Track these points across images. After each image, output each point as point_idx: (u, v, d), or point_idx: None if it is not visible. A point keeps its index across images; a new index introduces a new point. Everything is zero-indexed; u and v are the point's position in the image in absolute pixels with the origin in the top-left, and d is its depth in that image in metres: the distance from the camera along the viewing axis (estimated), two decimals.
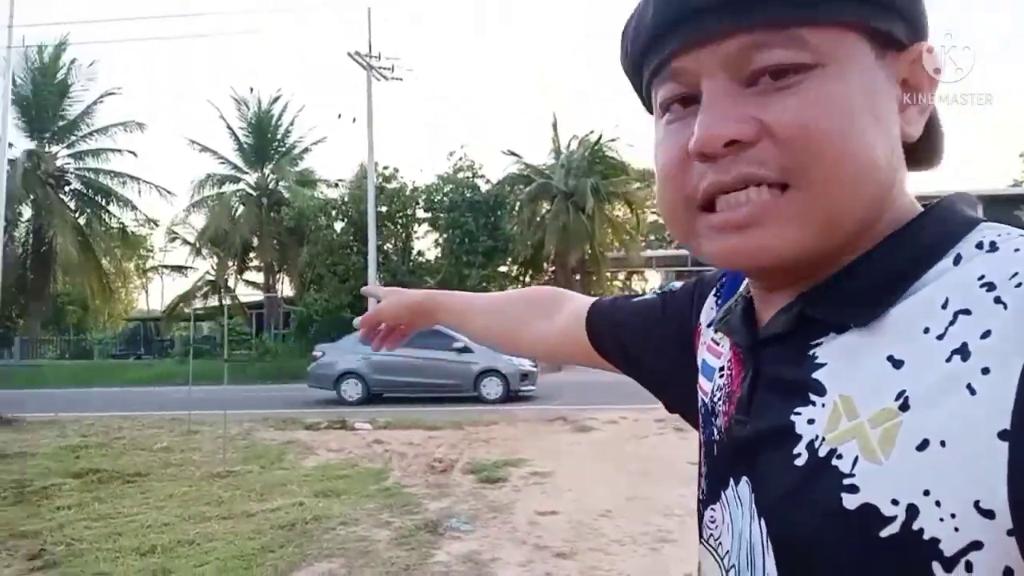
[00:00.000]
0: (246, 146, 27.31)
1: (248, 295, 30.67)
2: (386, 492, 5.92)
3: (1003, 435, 0.36)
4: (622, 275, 29.20)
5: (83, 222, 27.01)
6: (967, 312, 0.41)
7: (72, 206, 27.06)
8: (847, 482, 0.41)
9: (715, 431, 0.56)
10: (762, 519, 0.48)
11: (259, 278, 30.18)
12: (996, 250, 0.43)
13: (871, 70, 0.47)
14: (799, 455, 0.45)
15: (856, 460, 0.41)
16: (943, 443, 0.38)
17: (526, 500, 5.59)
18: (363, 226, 22.61)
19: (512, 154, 23.97)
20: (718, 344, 0.60)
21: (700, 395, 0.61)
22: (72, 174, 27.14)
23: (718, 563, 0.55)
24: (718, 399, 0.57)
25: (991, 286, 0.41)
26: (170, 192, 27.42)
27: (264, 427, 9.75)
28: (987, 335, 0.39)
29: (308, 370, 14.21)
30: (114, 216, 27.83)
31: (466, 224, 21.33)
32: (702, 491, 0.58)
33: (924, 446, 0.38)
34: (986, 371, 0.38)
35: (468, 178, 22.64)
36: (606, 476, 6.37)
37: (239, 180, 27.67)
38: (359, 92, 20.90)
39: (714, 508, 0.55)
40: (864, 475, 0.41)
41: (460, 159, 22.90)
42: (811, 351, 0.47)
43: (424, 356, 12.81)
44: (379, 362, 12.79)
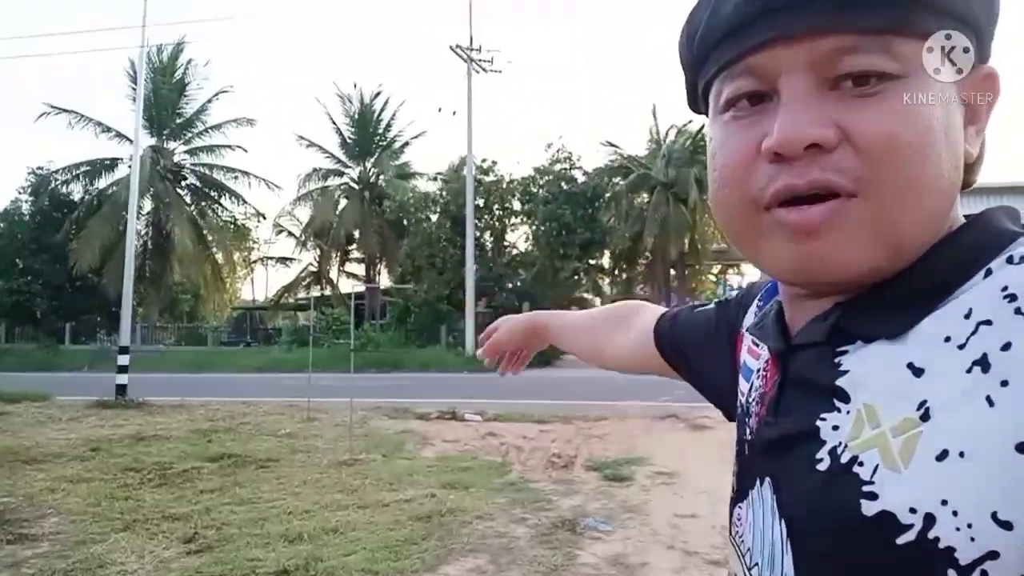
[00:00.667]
0: (349, 140, 28.07)
1: (349, 287, 31.56)
2: (512, 487, 5.85)
3: (1020, 448, 0.37)
4: (715, 268, 28.34)
5: (197, 215, 28.44)
6: (988, 323, 0.41)
7: (188, 200, 28.54)
8: (866, 489, 0.42)
9: (748, 431, 0.57)
10: (782, 520, 0.48)
11: (359, 270, 31.04)
12: (1022, 262, 0.43)
13: (947, 87, 0.46)
14: (821, 460, 0.45)
15: (876, 468, 0.42)
16: (962, 454, 0.38)
17: (659, 501, 5.40)
18: (460, 219, 22.83)
19: (610, 145, 23.63)
20: (758, 347, 0.60)
21: (739, 396, 0.62)
22: (188, 169, 28.63)
23: (741, 560, 0.56)
24: (752, 400, 0.57)
25: (1013, 297, 0.41)
26: (277, 186, 28.53)
27: (378, 416, 9.91)
28: (1007, 347, 0.39)
29: None
30: (225, 209, 29.21)
31: (563, 216, 21.17)
32: (733, 489, 0.59)
33: (943, 456, 0.39)
34: (1005, 383, 0.38)
35: (565, 170, 22.43)
36: None
37: (343, 174, 28.50)
38: (458, 85, 21.03)
39: (741, 506, 0.56)
40: (883, 483, 0.41)
41: (558, 150, 22.73)
42: (837, 358, 0.48)
43: None
44: None
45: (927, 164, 0.44)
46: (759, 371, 0.59)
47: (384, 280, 29.64)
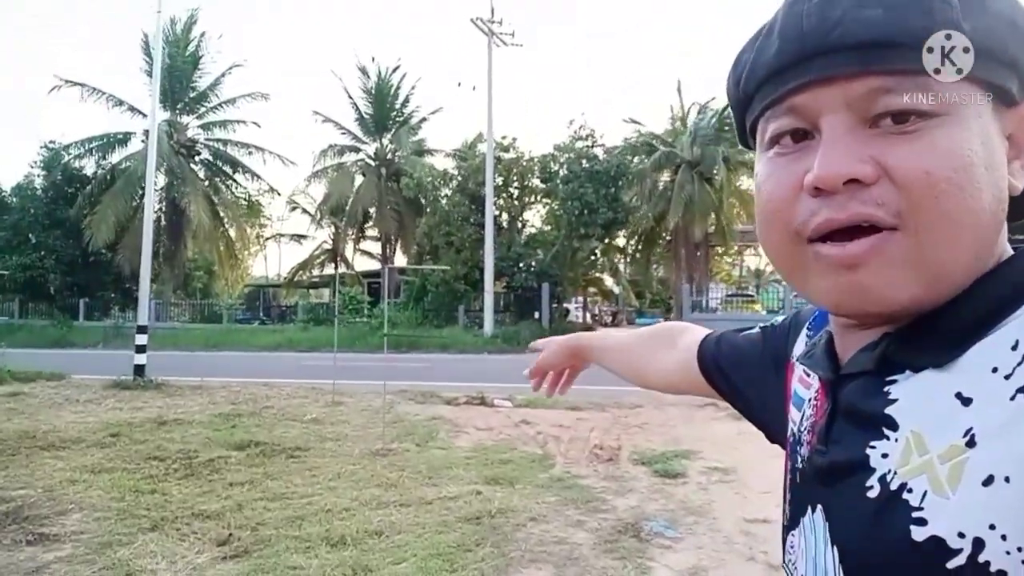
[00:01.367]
0: (366, 116, 27.56)
1: (363, 265, 31.21)
2: (560, 483, 5.48)
3: None
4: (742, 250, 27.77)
5: (211, 190, 28.08)
6: None
7: (201, 175, 28.16)
8: (916, 515, 0.43)
9: (799, 459, 0.57)
10: (834, 547, 0.49)
11: (374, 248, 30.66)
12: None
13: (988, 123, 0.47)
14: (871, 487, 0.46)
15: (925, 494, 0.43)
16: (1007, 479, 0.39)
17: (723, 502, 5.02)
18: (478, 197, 22.35)
19: (633, 122, 23.02)
20: (809, 376, 0.61)
21: (790, 424, 0.62)
22: (202, 144, 28.22)
23: None
24: (804, 429, 0.58)
25: None
26: (292, 162, 28.12)
27: (404, 400, 9.56)
28: None
29: None
30: (239, 185, 28.82)
31: (585, 195, 20.62)
32: (785, 516, 0.59)
33: (990, 482, 0.40)
34: None
35: (588, 147, 21.86)
36: None
37: (359, 150, 28.04)
38: (478, 60, 20.48)
39: (794, 534, 0.56)
40: (932, 509, 0.42)
41: (580, 127, 22.14)
42: (887, 387, 0.48)
43: None
44: None
45: (966, 199, 0.45)
46: (810, 400, 0.59)
47: (399, 259, 29.27)
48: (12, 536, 4.09)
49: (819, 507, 0.52)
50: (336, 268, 29.50)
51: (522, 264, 22.81)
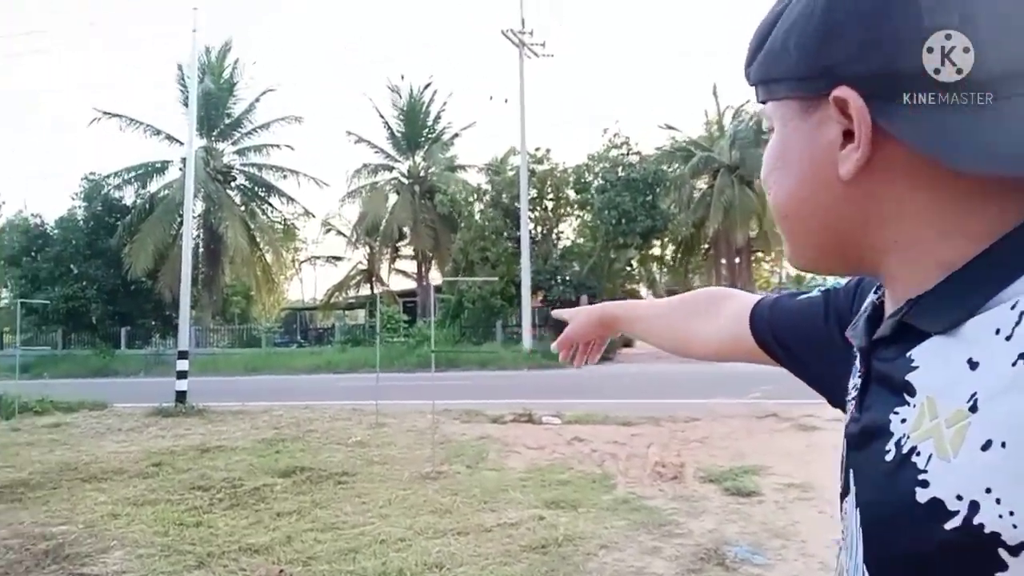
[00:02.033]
0: (398, 134, 27.54)
1: (399, 284, 31.12)
2: (626, 505, 5.10)
3: None
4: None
5: (247, 215, 28.28)
6: None
7: (238, 200, 28.37)
8: (921, 477, 0.44)
9: (848, 427, 0.58)
10: (857, 508, 0.52)
11: (409, 267, 30.54)
12: None
13: (792, 124, 0.54)
14: (888, 451, 0.48)
15: (930, 457, 0.44)
16: (1004, 444, 0.40)
17: (807, 523, 4.59)
18: (512, 211, 22.08)
19: (669, 127, 22.59)
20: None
21: (848, 393, 0.63)
22: (238, 170, 28.48)
23: (843, 549, 0.60)
24: (852, 397, 0.59)
25: None
26: (326, 183, 28.21)
27: (448, 419, 9.24)
28: None
29: None
30: (275, 208, 29.00)
31: (623, 203, 20.19)
32: (840, 485, 0.60)
33: (987, 446, 0.41)
34: None
35: (623, 155, 21.46)
36: None
37: (392, 168, 28.00)
38: (509, 72, 20.30)
39: (847, 500, 0.57)
40: (935, 471, 0.44)
41: (614, 135, 21.76)
42: (909, 353, 0.50)
43: None
44: None
45: (778, 191, 0.56)
46: (856, 371, 0.60)
47: (435, 276, 29.10)
48: None
49: (851, 471, 0.55)
50: (372, 288, 29.41)
51: (559, 277, 22.44)
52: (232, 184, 28.50)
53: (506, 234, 22.55)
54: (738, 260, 22.06)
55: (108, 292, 27.56)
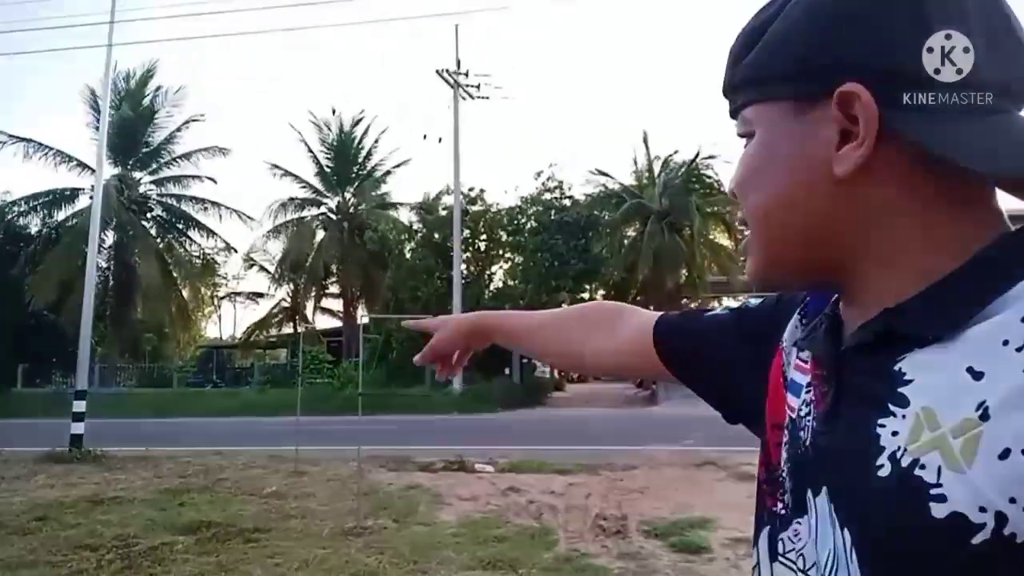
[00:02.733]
0: (327, 169, 26.89)
1: (324, 323, 30.12)
2: (569, 564, 4.72)
3: None
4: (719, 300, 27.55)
5: (164, 248, 26.91)
6: None
7: (153, 232, 26.99)
8: (934, 492, 0.42)
9: (800, 445, 0.57)
10: (845, 529, 0.48)
11: (335, 305, 29.62)
12: None
13: (780, 126, 0.54)
14: (882, 466, 0.46)
15: (940, 470, 0.43)
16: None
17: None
18: (444, 250, 21.74)
19: (601, 173, 22.81)
20: (806, 362, 0.61)
21: (787, 412, 0.61)
22: (155, 200, 27.14)
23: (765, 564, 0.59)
24: (805, 414, 0.58)
25: None
26: (250, 217, 27.12)
27: (375, 467, 8.66)
28: None
29: None
30: (194, 242, 27.71)
31: (555, 247, 20.14)
32: (785, 506, 0.58)
33: (1006, 455, 0.40)
34: None
35: (556, 199, 21.49)
36: None
37: (320, 204, 27.23)
38: (444, 111, 20.17)
39: (800, 521, 0.55)
40: (950, 485, 0.42)
41: (548, 179, 21.82)
42: (895, 365, 0.48)
43: None
44: None
45: (760, 194, 0.56)
46: (808, 384, 0.58)
47: (362, 316, 28.29)
48: None
49: (823, 490, 0.51)
50: (296, 327, 28.33)
51: None
52: (148, 215, 27.12)
53: (437, 274, 22.15)
54: (667, 307, 22.30)
55: (6, 325, 25.57)
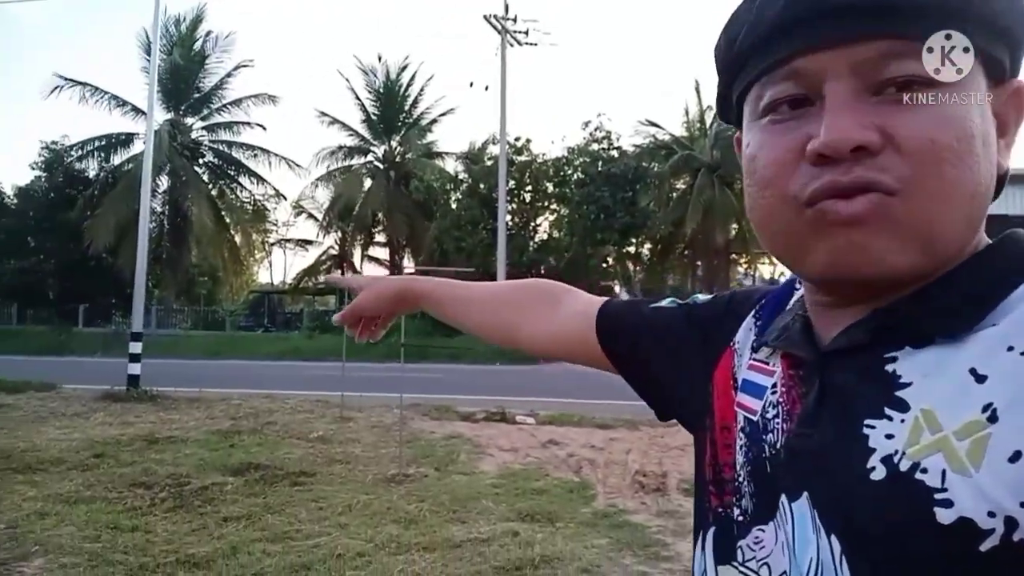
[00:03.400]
0: (374, 117, 26.82)
1: (372, 271, 30.45)
2: (607, 520, 4.73)
3: None
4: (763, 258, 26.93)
5: (216, 194, 27.38)
6: None
7: (206, 178, 27.44)
8: (939, 496, 0.41)
9: (766, 448, 0.54)
10: (831, 535, 0.46)
11: (382, 254, 29.92)
12: None
13: (983, 96, 0.47)
14: (873, 469, 0.44)
15: (945, 474, 0.41)
16: None
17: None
18: (490, 201, 21.63)
19: (651, 124, 22.25)
20: (767, 363, 0.59)
21: (740, 413, 0.59)
22: (206, 146, 27.51)
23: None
24: (772, 416, 0.55)
25: None
26: (299, 165, 27.32)
27: (417, 415, 8.80)
28: None
29: None
30: (244, 188, 28.12)
31: (602, 199, 19.83)
32: (744, 511, 0.55)
33: (1016, 458, 0.39)
34: None
35: (604, 149, 21.08)
36: None
37: (367, 152, 27.26)
38: (491, 58, 19.80)
39: (763, 528, 0.53)
40: (956, 489, 0.40)
41: (596, 129, 21.38)
42: (887, 366, 0.47)
43: None
44: None
45: (967, 170, 0.45)
46: (774, 385, 0.56)
47: (408, 265, 28.53)
48: None
49: (803, 495, 0.48)
50: (343, 274, 28.75)
51: (535, 271, 22.06)
52: (200, 161, 27.52)
53: (482, 224, 22.08)
54: (715, 262, 21.84)
55: (67, 267, 26.52)
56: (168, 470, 5.68)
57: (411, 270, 26.25)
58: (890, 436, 0.44)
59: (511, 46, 19.64)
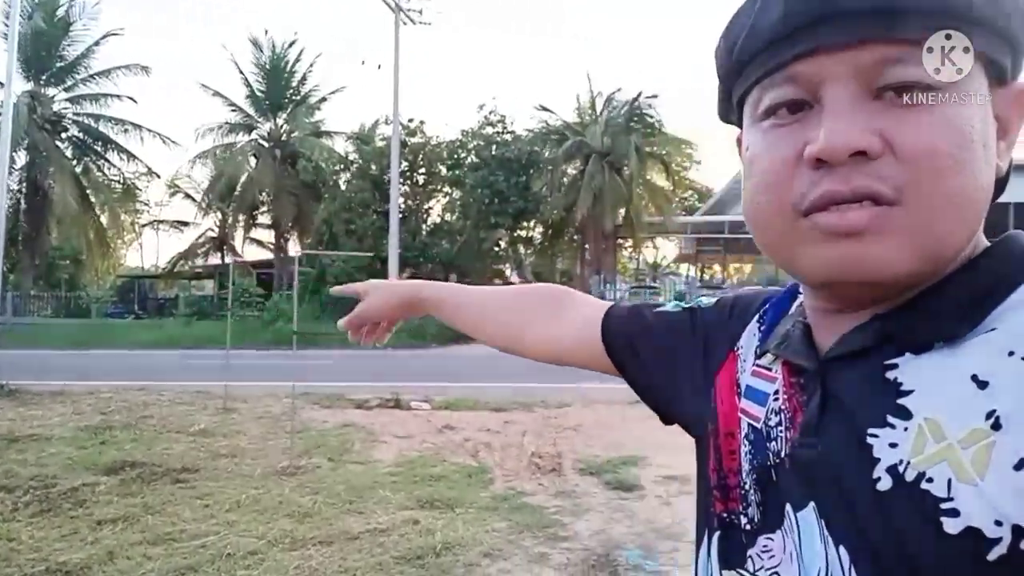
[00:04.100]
0: (259, 93, 25.60)
1: (253, 255, 29.25)
2: (506, 503, 4.75)
3: None
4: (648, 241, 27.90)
5: (80, 171, 25.34)
6: None
7: (69, 154, 25.34)
8: (946, 506, 0.41)
9: (770, 456, 0.54)
10: (840, 546, 0.46)
11: (266, 236, 28.73)
12: None
13: (984, 99, 0.47)
14: (879, 479, 0.44)
15: (951, 483, 0.41)
16: None
17: (692, 520, 4.41)
18: (381, 183, 21.21)
19: (544, 109, 22.47)
20: (769, 369, 0.58)
21: (744, 420, 0.58)
22: (70, 119, 25.39)
23: None
24: (775, 423, 0.54)
25: None
26: (174, 142, 25.74)
27: (308, 404, 8.53)
28: None
29: None
30: (113, 166, 26.18)
31: (495, 183, 19.87)
32: (751, 520, 0.55)
33: (1021, 465, 0.39)
34: None
35: (498, 133, 21.09)
36: None
37: (252, 129, 26.00)
38: (383, 37, 19.34)
39: (771, 537, 0.52)
40: (962, 498, 0.40)
41: (490, 112, 21.36)
42: (888, 373, 0.46)
43: None
44: None
45: (966, 176, 0.45)
46: (776, 393, 0.55)
47: (294, 248, 27.57)
48: None
49: (810, 505, 0.48)
50: (223, 257, 27.42)
51: (428, 254, 21.85)
52: (62, 135, 25.40)
53: (373, 207, 21.63)
54: (604, 246, 22.40)
55: None
56: (31, 471, 5.22)
57: (297, 253, 25.42)
58: (894, 445, 0.44)
59: (404, 24, 19.25)
